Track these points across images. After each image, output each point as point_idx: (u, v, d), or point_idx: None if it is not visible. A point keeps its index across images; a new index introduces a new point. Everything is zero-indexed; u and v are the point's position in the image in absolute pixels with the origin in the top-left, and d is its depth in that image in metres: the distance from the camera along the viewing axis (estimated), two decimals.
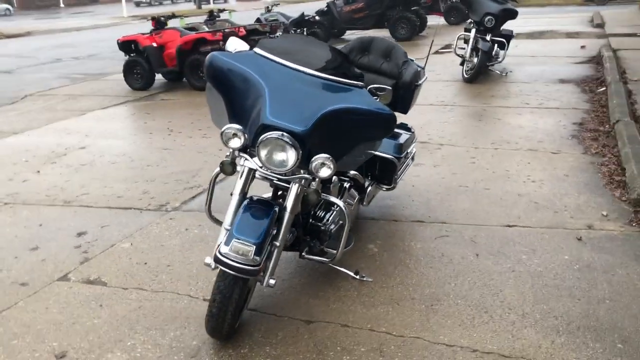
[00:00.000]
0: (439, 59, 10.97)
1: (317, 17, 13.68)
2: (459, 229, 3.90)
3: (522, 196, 4.39)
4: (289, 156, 2.62)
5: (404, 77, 3.81)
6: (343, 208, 2.95)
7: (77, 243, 4.00)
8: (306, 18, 13.26)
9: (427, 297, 3.12)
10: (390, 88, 3.06)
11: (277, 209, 2.74)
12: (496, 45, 8.91)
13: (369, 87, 3.01)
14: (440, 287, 3.21)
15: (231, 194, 3.26)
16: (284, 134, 2.60)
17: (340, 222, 3.31)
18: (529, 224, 3.92)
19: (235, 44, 3.07)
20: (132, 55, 9.80)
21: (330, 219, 3.22)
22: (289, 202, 2.78)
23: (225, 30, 9.59)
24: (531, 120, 6.45)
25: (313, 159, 2.64)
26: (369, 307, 3.06)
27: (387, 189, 3.88)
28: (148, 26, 10.62)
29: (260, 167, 2.77)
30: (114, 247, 3.92)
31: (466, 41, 8.97)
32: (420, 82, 3.92)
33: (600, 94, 7.41)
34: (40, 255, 3.85)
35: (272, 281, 2.74)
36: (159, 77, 9.90)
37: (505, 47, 8.93)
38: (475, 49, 8.64)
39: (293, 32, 13.07)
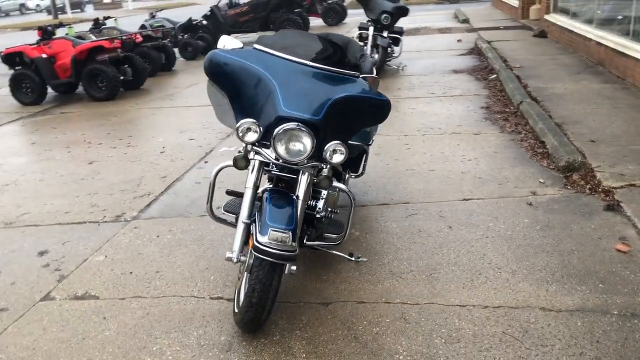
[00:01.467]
0: None
1: (204, 22, 13.56)
2: (423, 207, 4.21)
3: (466, 173, 4.80)
4: (306, 145, 2.74)
5: (363, 69, 4.02)
6: (348, 193, 3.10)
7: (43, 262, 3.78)
8: (194, 23, 13.10)
9: (423, 268, 3.37)
10: (378, 77, 3.26)
11: (294, 197, 2.84)
12: (391, 41, 9.45)
13: (360, 76, 3.19)
14: (431, 258, 3.48)
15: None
16: (299, 124, 2.71)
17: (329, 208, 3.46)
18: (481, 196, 4.33)
19: (227, 42, 3.12)
20: (18, 68, 9.15)
21: (322, 207, 3.36)
22: (301, 191, 2.90)
23: (123, 37, 9.27)
24: (443, 108, 6.99)
25: (327, 146, 2.79)
26: (375, 283, 3.25)
27: (356, 176, 4.07)
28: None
29: (275, 159, 2.84)
30: (87, 261, 3.75)
31: (363, 39, 9.44)
32: (374, 73, 4.17)
33: (494, 80, 8.18)
34: (7, 279, 3.60)
35: (293, 267, 2.83)
36: (49, 90, 9.31)
37: (400, 43, 9.50)
38: (375, 46, 9.11)
39: (181, 37, 12.87)
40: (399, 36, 9.40)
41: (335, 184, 3.09)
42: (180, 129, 6.89)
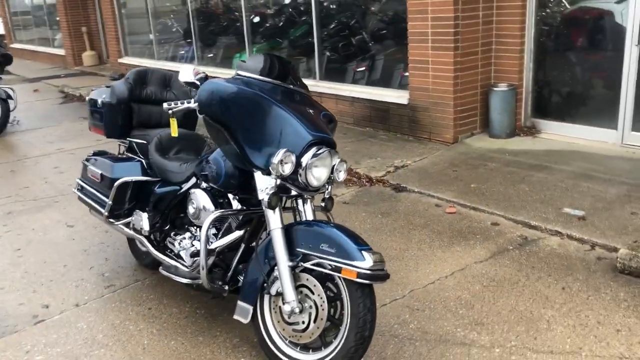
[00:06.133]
0: None
1: None
2: None
3: None
4: (329, 168, 2.66)
5: None
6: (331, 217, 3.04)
7: None
8: None
9: None
10: None
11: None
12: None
13: None
14: None
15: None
16: (323, 146, 2.62)
17: None
18: None
19: (190, 73, 2.60)
20: None
21: None
22: (309, 216, 2.76)
23: None
24: None
25: (336, 166, 2.75)
26: None
27: None
28: None
29: (303, 188, 2.62)
30: None
31: None
32: None
33: None
34: None
35: None
36: None
37: (14, 95, 8.25)
38: None
39: None
40: (10, 87, 8.17)
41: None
42: None
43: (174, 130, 2.81)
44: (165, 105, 2.69)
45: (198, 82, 2.65)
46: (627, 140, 5.37)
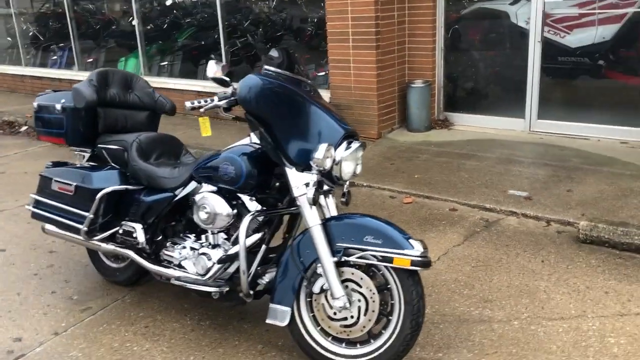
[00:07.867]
0: None
1: None
2: None
3: None
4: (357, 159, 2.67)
5: (166, 107, 3.56)
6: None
7: None
8: None
9: None
10: None
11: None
12: None
13: None
14: None
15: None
16: (352, 139, 2.63)
17: None
18: None
19: (218, 69, 2.45)
20: None
21: None
22: (333, 210, 2.74)
23: None
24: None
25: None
26: None
27: None
28: None
29: (334, 182, 2.60)
30: None
31: None
32: None
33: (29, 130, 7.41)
34: None
35: None
36: None
37: None
38: None
39: None
40: None
41: None
42: None
43: (206, 130, 2.63)
44: (187, 104, 2.52)
45: (227, 79, 2.51)
46: (534, 128, 5.93)
